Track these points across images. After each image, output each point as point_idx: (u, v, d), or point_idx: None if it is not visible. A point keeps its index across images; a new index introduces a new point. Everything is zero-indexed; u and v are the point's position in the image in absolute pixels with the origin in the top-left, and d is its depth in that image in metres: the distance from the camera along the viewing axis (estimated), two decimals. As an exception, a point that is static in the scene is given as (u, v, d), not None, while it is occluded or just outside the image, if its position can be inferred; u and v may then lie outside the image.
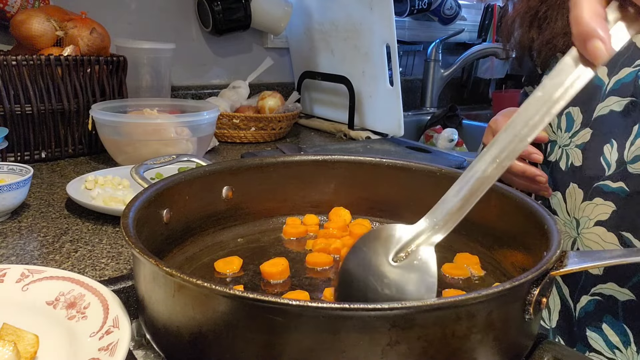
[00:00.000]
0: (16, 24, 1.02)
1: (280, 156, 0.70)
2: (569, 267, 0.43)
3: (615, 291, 0.64)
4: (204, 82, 1.55)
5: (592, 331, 0.67)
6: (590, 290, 0.66)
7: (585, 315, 0.67)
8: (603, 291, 0.65)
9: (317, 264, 0.59)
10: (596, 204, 0.65)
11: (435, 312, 0.37)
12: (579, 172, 0.67)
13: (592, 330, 0.67)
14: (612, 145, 0.64)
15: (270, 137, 1.35)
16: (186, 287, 0.39)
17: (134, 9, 1.39)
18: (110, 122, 0.99)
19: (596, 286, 0.66)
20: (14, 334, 0.42)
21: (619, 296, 0.64)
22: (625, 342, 0.64)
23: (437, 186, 0.65)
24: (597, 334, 0.66)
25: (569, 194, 0.69)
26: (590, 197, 0.65)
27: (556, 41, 0.70)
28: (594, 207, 0.65)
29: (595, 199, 0.65)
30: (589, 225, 0.65)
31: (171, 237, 0.59)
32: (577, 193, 0.67)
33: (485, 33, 2.06)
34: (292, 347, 0.37)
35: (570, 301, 0.69)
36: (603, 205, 0.64)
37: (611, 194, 0.63)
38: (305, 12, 1.55)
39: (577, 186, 0.67)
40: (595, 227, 0.65)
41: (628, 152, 0.62)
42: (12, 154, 1.01)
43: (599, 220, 0.64)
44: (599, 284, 0.65)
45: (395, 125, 1.34)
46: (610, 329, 0.65)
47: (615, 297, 0.64)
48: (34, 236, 0.72)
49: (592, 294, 0.66)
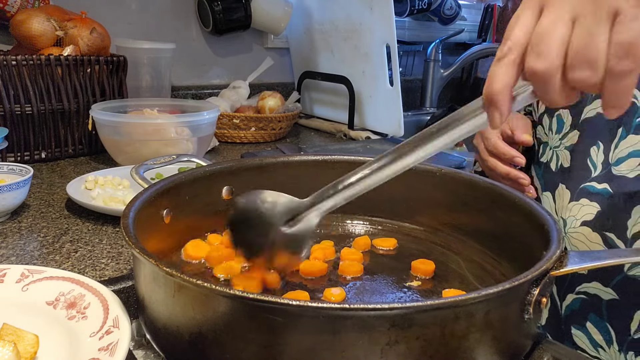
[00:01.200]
0: (16, 23, 1.02)
1: (280, 156, 0.70)
2: (569, 267, 0.43)
3: (600, 290, 0.65)
4: (204, 82, 1.55)
5: (577, 329, 0.68)
6: (576, 288, 0.67)
7: (571, 314, 0.68)
8: (588, 290, 0.66)
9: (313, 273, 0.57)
10: (582, 204, 0.65)
11: (435, 312, 0.37)
12: (567, 173, 0.68)
13: (577, 328, 0.67)
14: (599, 147, 0.64)
15: (270, 137, 1.35)
16: (186, 287, 0.39)
17: (134, 9, 1.39)
18: (110, 122, 0.99)
19: (581, 285, 0.66)
20: (14, 334, 0.42)
21: (603, 295, 0.64)
22: (608, 341, 0.65)
23: (437, 186, 0.66)
24: (581, 332, 0.67)
25: (558, 195, 0.69)
26: (577, 197, 0.66)
27: None
28: (580, 207, 0.66)
29: (582, 199, 0.66)
30: (575, 225, 0.66)
31: (171, 237, 0.59)
32: (565, 193, 0.68)
33: (485, 33, 2.06)
34: (292, 347, 0.37)
35: (558, 299, 0.70)
36: (588, 206, 0.65)
37: (596, 195, 0.64)
38: (305, 12, 1.55)
39: (565, 187, 0.68)
40: (581, 227, 0.65)
41: (613, 154, 0.63)
42: (12, 154, 1.01)
43: (584, 221, 0.65)
44: (584, 283, 0.66)
45: (395, 125, 1.34)
46: (594, 328, 0.66)
47: (599, 296, 0.65)
48: (34, 236, 0.72)
49: (577, 292, 0.67)
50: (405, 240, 0.67)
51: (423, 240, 0.67)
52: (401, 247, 0.65)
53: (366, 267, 0.59)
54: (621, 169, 0.62)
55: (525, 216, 0.54)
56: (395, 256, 0.63)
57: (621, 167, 0.62)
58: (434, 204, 0.67)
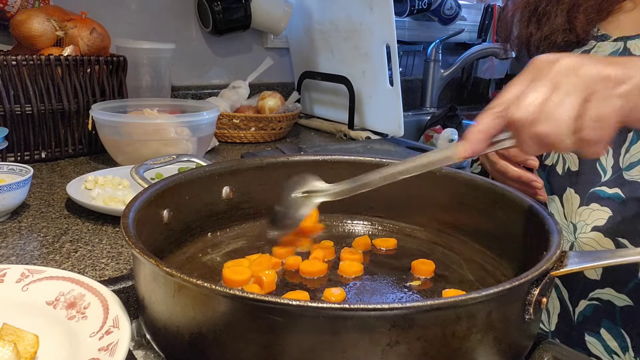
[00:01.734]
0: (16, 24, 1.02)
1: (280, 156, 0.70)
2: (569, 267, 0.43)
3: (613, 296, 0.64)
4: (204, 82, 1.55)
5: (590, 336, 0.67)
6: (589, 295, 0.66)
7: (584, 320, 0.67)
8: (601, 296, 0.65)
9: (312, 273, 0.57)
10: (592, 209, 0.65)
11: (435, 313, 0.37)
12: (576, 177, 0.67)
13: (591, 335, 0.67)
14: (608, 151, 0.64)
15: (270, 137, 1.35)
16: (186, 287, 0.39)
17: (134, 9, 1.39)
18: (110, 122, 0.99)
19: (594, 291, 0.66)
20: (14, 334, 0.42)
21: (617, 301, 0.64)
22: (623, 347, 0.64)
23: (437, 186, 0.66)
24: (595, 338, 0.66)
25: (566, 199, 0.69)
26: (587, 202, 0.66)
27: (555, 37, 0.70)
28: (590, 212, 0.65)
29: (592, 204, 0.65)
30: (585, 230, 0.65)
31: (171, 237, 0.59)
32: (573, 198, 0.67)
33: (485, 33, 2.06)
34: (292, 347, 0.37)
35: (570, 305, 0.69)
36: (599, 211, 0.64)
37: (607, 199, 0.64)
38: (305, 12, 1.55)
39: (574, 191, 0.67)
40: (592, 232, 0.65)
41: (623, 158, 0.63)
42: (12, 154, 1.01)
43: (595, 226, 0.64)
44: (597, 289, 0.65)
45: (395, 125, 1.34)
46: (608, 334, 0.65)
47: (613, 302, 0.64)
48: (34, 236, 0.72)
49: (590, 298, 0.66)
50: (405, 240, 0.67)
51: (423, 240, 0.67)
52: (401, 247, 0.65)
53: (366, 267, 0.59)
54: (633, 174, 0.62)
55: (526, 216, 0.54)
56: (395, 256, 0.63)
57: (633, 173, 0.62)
58: (434, 204, 0.67)
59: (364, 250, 0.63)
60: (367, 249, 0.64)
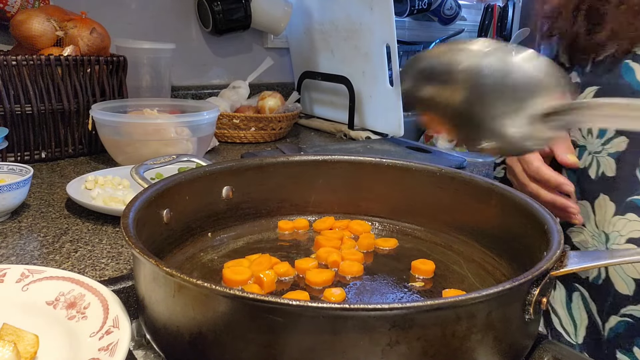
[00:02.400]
0: (16, 24, 1.02)
1: (280, 156, 0.70)
2: (569, 267, 0.43)
3: None
4: (204, 82, 1.55)
5: (622, 354, 0.63)
6: (620, 310, 0.63)
7: (615, 337, 0.64)
8: (634, 312, 0.61)
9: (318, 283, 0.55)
10: (629, 219, 0.60)
11: (435, 312, 0.37)
12: (611, 184, 0.63)
13: (623, 352, 0.63)
14: None
15: (270, 137, 1.35)
16: (186, 287, 0.39)
17: (134, 9, 1.39)
18: (110, 122, 0.99)
19: (626, 307, 0.62)
20: (14, 334, 0.42)
21: None
22: None
23: (437, 186, 0.66)
24: (628, 357, 0.63)
25: (599, 205, 0.64)
26: (623, 211, 0.61)
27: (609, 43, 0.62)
28: (626, 222, 0.61)
29: (628, 214, 0.60)
30: (620, 241, 0.61)
31: (171, 237, 0.59)
32: (607, 205, 0.63)
33: (485, 33, 2.06)
34: (292, 347, 0.37)
35: (599, 319, 0.66)
36: (637, 222, 0.60)
37: None
38: (305, 12, 1.55)
39: (609, 198, 0.63)
40: (627, 244, 0.60)
41: None
42: (12, 154, 1.01)
43: (631, 238, 0.60)
44: (629, 305, 0.62)
45: (395, 125, 1.34)
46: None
47: None
48: (34, 236, 0.72)
49: (621, 314, 0.63)
50: (405, 240, 0.67)
51: (423, 240, 0.67)
52: (401, 247, 0.65)
53: (366, 267, 0.59)
54: None
55: (526, 216, 0.54)
56: (395, 256, 0.63)
57: None
58: (434, 204, 0.67)
59: (364, 251, 0.63)
60: (370, 250, 0.64)
